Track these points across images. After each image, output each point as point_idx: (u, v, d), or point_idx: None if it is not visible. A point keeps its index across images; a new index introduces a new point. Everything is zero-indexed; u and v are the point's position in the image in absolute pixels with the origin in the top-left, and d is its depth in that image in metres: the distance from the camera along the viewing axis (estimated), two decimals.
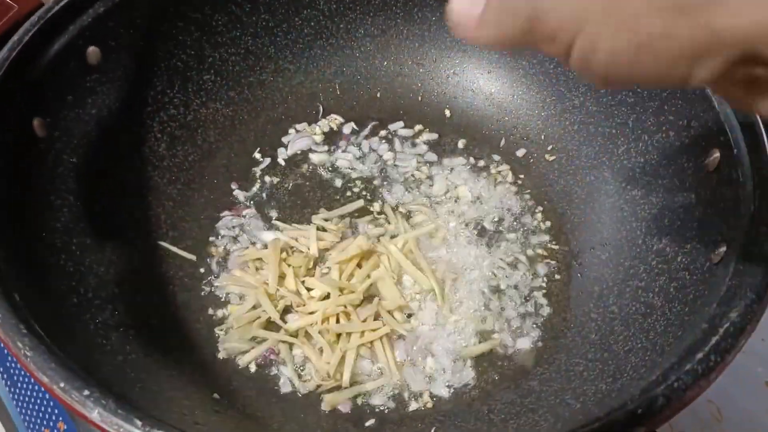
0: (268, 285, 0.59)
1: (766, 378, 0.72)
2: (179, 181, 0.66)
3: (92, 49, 0.59)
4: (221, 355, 0.57)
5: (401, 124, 0.73)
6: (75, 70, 0.58)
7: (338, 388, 0.55)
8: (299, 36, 0.73)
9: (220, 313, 0.60)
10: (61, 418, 0.60)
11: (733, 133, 0.52)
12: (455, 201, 0.68)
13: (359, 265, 0.61)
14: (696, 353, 0.39)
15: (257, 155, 0.71)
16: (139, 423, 0.35)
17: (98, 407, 0.36)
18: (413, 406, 0.55)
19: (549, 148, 0.70)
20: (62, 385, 0.37)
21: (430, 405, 0.55)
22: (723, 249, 0.48)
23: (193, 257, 0.62)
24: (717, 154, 0.53)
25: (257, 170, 0.70)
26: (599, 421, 0.37)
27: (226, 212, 0.66)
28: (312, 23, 0.72)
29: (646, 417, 0.37)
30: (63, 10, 0.56)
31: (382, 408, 0.54)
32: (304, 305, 0.58)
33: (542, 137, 0.70)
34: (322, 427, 0.52)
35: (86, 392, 0.36)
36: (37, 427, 0.61)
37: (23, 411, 0.62)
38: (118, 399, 0.37)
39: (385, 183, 0.69)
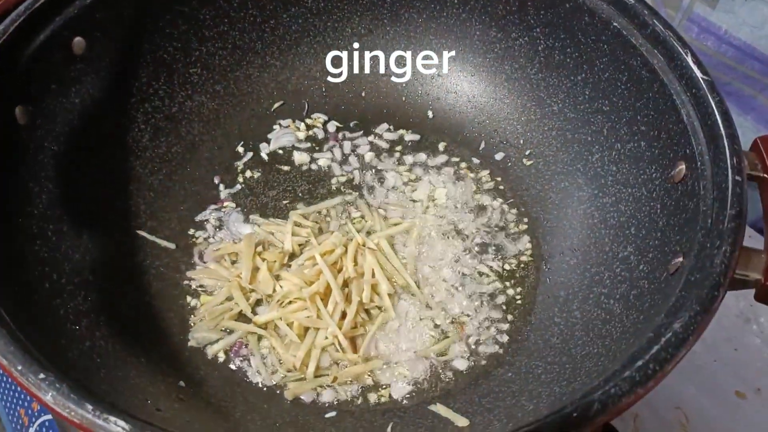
0: (241, 278, 0.60)
1: (737, 387, 0.73)
2: (161, 172, 0.67)
3: (78, 40, 0.60)
4: (191, 344, 0.58)
5: (385, 126, 0.74)
6: (60, 59, 0.59)
7: (303, 379, 0.57)
8: (287, 33, 0.74)
9: (193, 302, 0.61)
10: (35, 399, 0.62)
11: (699, 147, 0.52)
12: (432, 201, 0.69)
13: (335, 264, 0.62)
14: (636, 361, 0.40)
15: (240, 149, 0.72)
16: (90, 407, 0.37)
17: (52, 390, 0.37)
18: (374, 400, 0.56)
19: (527, 152, 0.71)
20: (19, 368, 0.38)
21: (390, 400, 0.56)
22: (679, 260, 0.49)
23: (171, 245, 0.64)
24: (683, 167, 0.54)
25: (239, 164, 0.71)
26: (536, 423, 0.38)
27: (208, 205, 0.68)
28: (299, 20, 0.73)
29: (580, 421, 0.38)
30: (50, 0, 0.58)
31: (343, 400, 0.56)
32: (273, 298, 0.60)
33: (521, 141, 0.71)
34: (283, 417, 0.54)
35: (42, 376, 0.38)
36: (13, 406, 0.63)
37: (1, 392, 0.64)
38: (74, 384, 0.38)
39: (365, 183, 0.70)
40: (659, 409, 0.71)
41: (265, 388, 0.56)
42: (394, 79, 0.76)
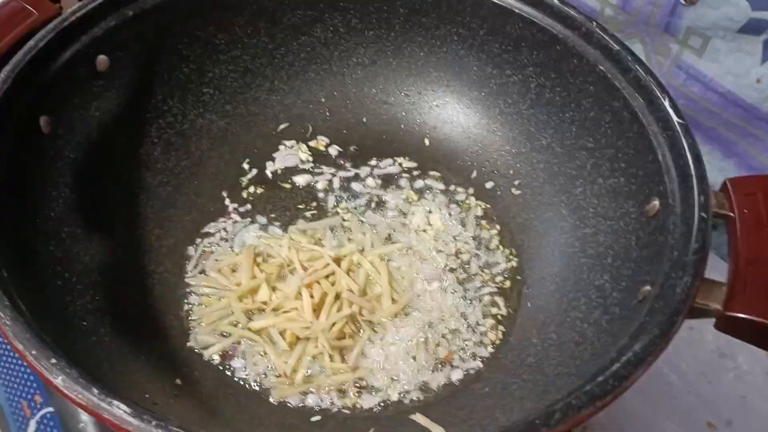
0: (239, 287, 0.64)
1: (708, 419, 0.76)
2: (170, 183, 0.71)
3: (101, 58, 0.64)
4: (190, 344, 0.62)
5: (390, 162, 0.78)
6: (84, 75, 0.63)
7: (291, 384, 0.60)
8: (295, 59, 0.78)
9: (194, 309, 0.64)
10: (38, 392, 0.65)
11: (671, 185, 0.56)
12: (429, 225, 0.73)
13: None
14: (597, 377, 0.44)
15: (245, 165, 0.76)
16: (96, 391, 0.40)
17: (62, 374, 0.41)
18: (357, 406, 0.59)
19: (516, 182, 0.75)
20: (33, 352, 0.42)
21: (372, 408, 0.59)
22: (647, 288, 0.53)
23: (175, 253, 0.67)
24: (656, 203, 0.58)
25: (244, 180, 0.75)
26: (504, 428, 0.42)
27: (213, 217, 0.72)
28: (308, 49, 0.78)
29: (542, 428, 0.41)
30: (78, 20, 0.62)
31: (326, 406, 0.59)
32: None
33: (510, 172, 0.75)
34: (270, 419, 0.57)
35: (53, 361, 0.41)
36: (15, 398, 0.66)
37: (4, 383, 0.67)
38: (82, 370, 0.42)
39: (363, 206, 0.74)
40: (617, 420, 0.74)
41: (255, 391, 0.59)
42: (394, 107, 0.81)
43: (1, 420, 0.67)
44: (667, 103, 0.60)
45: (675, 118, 0.59)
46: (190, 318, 0.64)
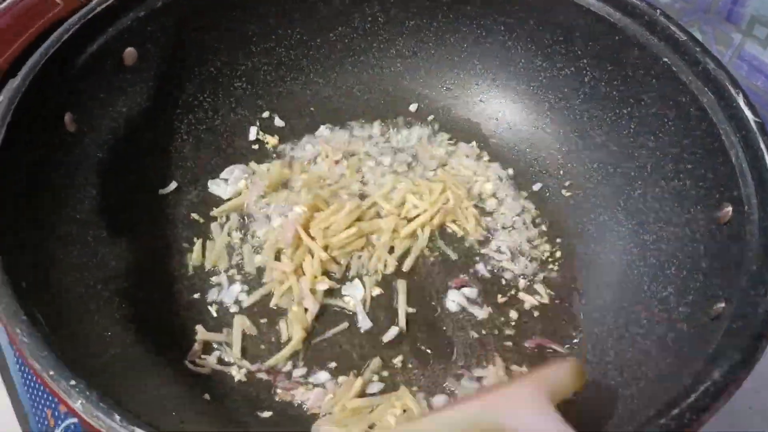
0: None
1: None
2: (199, 183, 0.68)
3: (129, 51, 0.61)
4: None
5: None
6: (110, 69, 0.60)
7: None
8: (332, 51, 0.74)
9: (226, 317, 0.61)
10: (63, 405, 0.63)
11: (746, 190, 0.51)
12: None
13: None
14: (672, 409, 0.39)
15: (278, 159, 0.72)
16: (117, 418, 0.37)
17: (81, 398, 0.38)
18: None
19: (567, 183, 0.70)
20: (51, 373, 0.38)
21: None
22: (722, 305, 0.48)
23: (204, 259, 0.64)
24: (729, 209, 0.52)
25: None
26: None
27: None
28: (345, 40, 0.74)
29: None
30: (105, 11, 0.59)
31: None
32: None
33: (561, 172, 0.70)
34: None
35: (72, 382, 0.38)
36: (40, 407, 0.64)
37: (30, 391, 0.65)
38: (103, 393, 0.38)
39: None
40: None
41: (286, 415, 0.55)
42: (435, 102, 0.76)
43: (26, 429, 0.65)
44: (741, 100, 0.55)
45: (750, 117, 0.54)
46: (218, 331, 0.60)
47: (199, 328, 0.59)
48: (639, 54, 0.61)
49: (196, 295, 0.61)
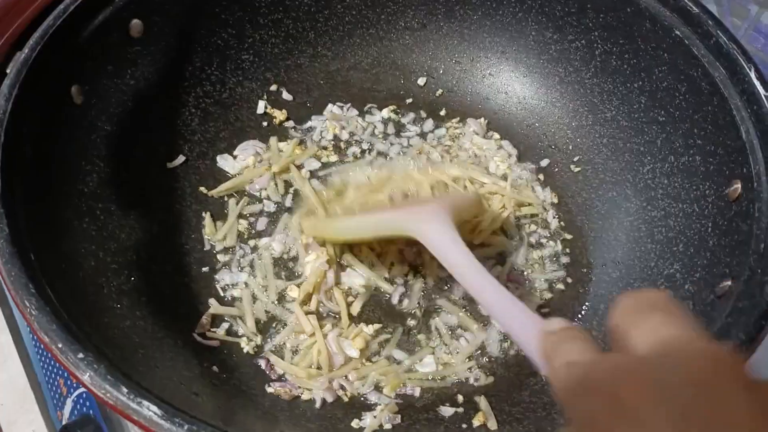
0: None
1: None
2: (208, 156, 0.68)
3: (135, 22, 0.61)
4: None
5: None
6: (117, 41, 0.60)
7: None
8: (340, 23, 0.73)
9: (234, 293, 0.61)
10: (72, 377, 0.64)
11: (756, 167, 0.51)
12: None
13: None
14: None
15: (286, 133, 0.72)
16: (125, 390, 0.38)
17: (90, 371, 0.38)
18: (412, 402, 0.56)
19: (575, 159, 0.69)
20: (60, 346, 0.39)
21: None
22: (728, 283, 0.47)
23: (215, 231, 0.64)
24: (738, 186, 0.52)
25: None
26: None
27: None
28: (353, 11, 0.73)
29: None
30: None
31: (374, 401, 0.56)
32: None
33: (570, 147, 0.70)
34: (313, 412, 0.54)
35: (81, 355, 0.39)
36: (53, 376, 0.65)
37: (43, 360, 0.66)
38: (111, 365, 0.39)
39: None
40: None
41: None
42: (444, 75, 0.75)
43: (39, 397, 0.66)
44: (753, 74, 0.54)
45: (762, 91, 0.53)
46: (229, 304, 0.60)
47: (212, 301, 0.59)
48: (651, 26, 0.60)
49: (205, 269, 0.62)
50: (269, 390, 0.55)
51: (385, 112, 0.74)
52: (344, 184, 0.67)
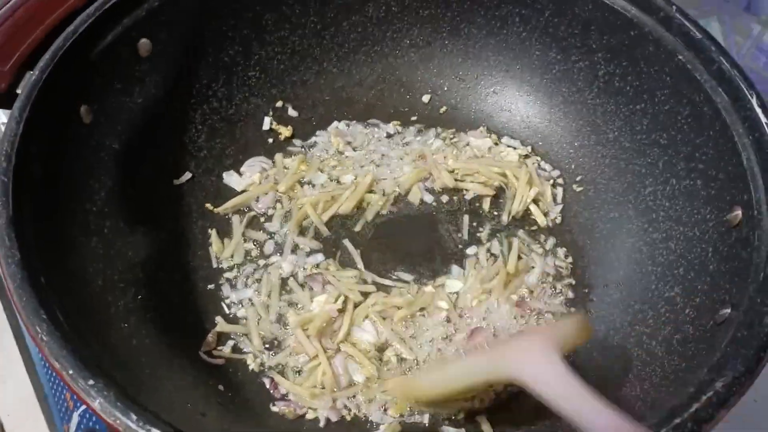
0: None
1: None
2: (214, 172, 0.69)
3: (144, 41, 0.61)
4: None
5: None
6: (126, 60, 0.61)
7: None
8: (345, 40, 0.74)
9: (239, 312, 0.62)
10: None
11: (757, 194, 0.51)
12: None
13: None
14: (675, 418, 0.40)
15: (291, 148, 0.73)
16: (134, 417, 0.38)
17: (100, 397, 0.39)
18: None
19: (578, 178, 0.70)
20: (71, 372, 0.40)
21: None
22: (727, 311, 0.48)
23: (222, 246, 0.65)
24: (739, 212, 0.53)
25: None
26: None
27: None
28: (359, 29, 0.74)
29: None
30: (120, 1, 0.59)
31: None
32: None
33: (572, 167, 0.70)
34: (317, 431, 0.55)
35: (91, 382, 0.39)
36: (60, 390, 0.65)
37: (49, 375, 0.67)
38: (120, 391, 0.40)
39: None
40: None
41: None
42: (448, 93, 0.76)
43: (46, 410, 0.67)
44: (755, 102, 0.54)
45: (764, 119, 0.53)
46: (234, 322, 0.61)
47: (218, 319, 0.60)
48: (654, 50, 0.61)
49: (211, 286, 0.63)
50: (274, 409, 0.55)
51: (390, 127, 0.74)
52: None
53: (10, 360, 0.70)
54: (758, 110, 0.54)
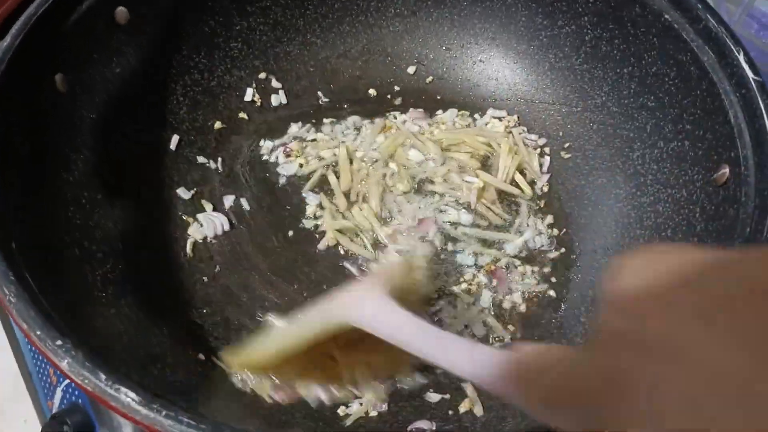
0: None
1: None
2: (196, 145, 0.68)
3: (121, 9, 0.60)
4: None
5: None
6: (102, 29, 0.60)
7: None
8: (329, 11, 0.73)
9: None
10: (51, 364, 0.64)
11: (744, 151, 0.50)
12: None
13: None
14: None
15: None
16: (103, 377, 0.37)
17: (68, 357, 0.38)
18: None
19: (566, 145, 0.69)
20: (38, 333, 0.39)
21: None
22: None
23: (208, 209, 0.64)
24: (726, 170, 0.52)
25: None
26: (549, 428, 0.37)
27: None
28: None
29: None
30: None
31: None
32: None
33: (560, 134, 0.69)
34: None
35: (59, 342, 0.38)
36: (43, 366, 0.65)
37: (32, 350, 0.66)
38: (89, 352, 0.39)
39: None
40: None
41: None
42: (434, 63, 0.75)
43: (30, 387, 0.66)
44: (741, 58, 0.53)
45: (750, 75, 0.52)
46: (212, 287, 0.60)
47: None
48: (640, 11, 0.60)
49: (191, 256, 0.62)
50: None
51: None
52: None
53: None
54: (745, 66, 0.53)
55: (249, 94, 0.71)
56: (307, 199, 0.66)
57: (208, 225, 0.63)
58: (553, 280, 0.62)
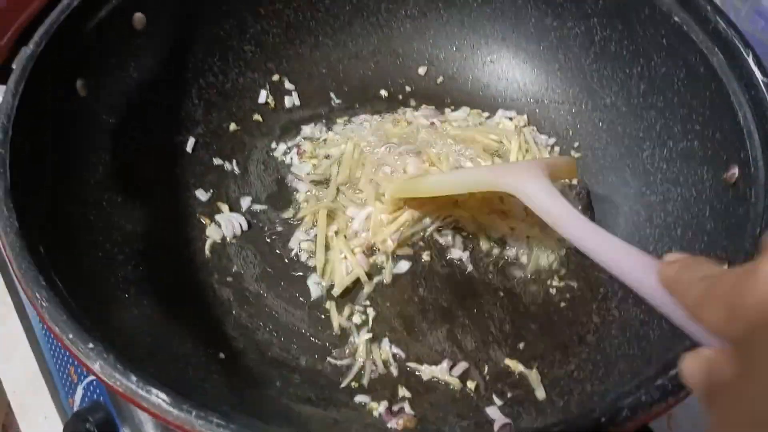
0: None
1: None
2: (211, 147, 0.69)
3: (138, 15, 0.62)
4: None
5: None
6: (120, 34, 0.61)
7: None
8: (340, 12, 0.74)
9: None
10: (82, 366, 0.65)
11: (753, 151, 0.51)
12: None
13: None
14: (670, 369, 0.40)
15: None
16: (134, 378, 0.39)
17: (100, 360, 0.39)
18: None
19: (575, 144, 0.70)
20: (70, 336, 0.40)
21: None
22: (725, 268, 0.48)
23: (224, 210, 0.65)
24: (736, 170, 0.53)
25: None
26: (564, 424, 0.38)
27: None
28: (354, 0, 0.73)
29: (607, 427, 0.38)
30: None
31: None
32: None
33: (570, 133, 0.70)
34: (320, 394, 0.55)
35: (90, 345, 0.40)
36: (63, 364, 0.66)
37: (53, 349, 0.67)
38: (120, 354, 0.40)
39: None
40: (694, 407, 0.70)
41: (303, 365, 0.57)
42: (444, 63, 0.76)
43: (51, 384, 0.67)
44: (750, 59, 0.54)
45: (759, 76, 0.53)
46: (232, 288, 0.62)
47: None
48: (649, 12, 0.61)
49: (214, 255, 0.63)
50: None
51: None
52: None
53: (15, 338, 0.71)
54: (755, 68, 0.53)
55: (263, 96, 0.72)
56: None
57: (226, 226, 0.64)
58: (565, 278, 0.63)
